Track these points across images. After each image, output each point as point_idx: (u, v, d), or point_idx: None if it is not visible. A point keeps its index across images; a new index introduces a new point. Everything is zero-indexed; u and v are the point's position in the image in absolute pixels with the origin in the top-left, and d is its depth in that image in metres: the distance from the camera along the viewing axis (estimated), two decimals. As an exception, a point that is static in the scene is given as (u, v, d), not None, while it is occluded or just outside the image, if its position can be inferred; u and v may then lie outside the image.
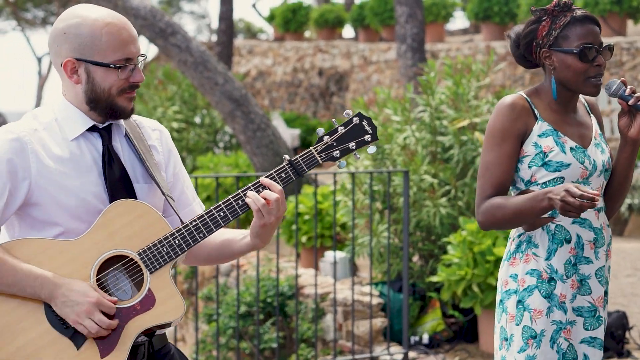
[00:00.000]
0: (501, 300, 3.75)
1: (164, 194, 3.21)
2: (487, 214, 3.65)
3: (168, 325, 3.12)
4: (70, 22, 3.13)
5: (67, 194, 3.09)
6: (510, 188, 3.76)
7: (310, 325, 7.98)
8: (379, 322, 7.75)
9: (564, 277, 3.64)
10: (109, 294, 3.09)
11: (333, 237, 7.95)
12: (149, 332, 3.15)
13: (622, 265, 10.91)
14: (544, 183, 3.65)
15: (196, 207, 3.41)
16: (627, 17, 17.13)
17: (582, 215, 3.63)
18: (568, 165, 3.63)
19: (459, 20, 45.44)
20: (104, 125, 3.20)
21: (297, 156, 3.19)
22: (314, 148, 3.20)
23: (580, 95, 3.80)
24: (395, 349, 7.55)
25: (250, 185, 3.16)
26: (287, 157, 3.20)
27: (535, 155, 3.66)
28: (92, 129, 3.18)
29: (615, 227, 13.08)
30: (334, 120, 3.23)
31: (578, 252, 3.66)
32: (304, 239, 9.81)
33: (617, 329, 7.67)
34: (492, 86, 14.26)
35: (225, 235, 3.32)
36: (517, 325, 3.66)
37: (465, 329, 7.96)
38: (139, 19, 10.96)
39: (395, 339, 7.79)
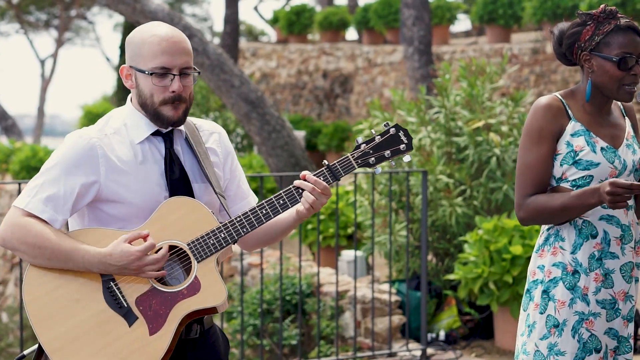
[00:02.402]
0: (528, 290, 3.91)
1: (216, 192, 3.47)
2: (531, 211, 3.81)
3: (213, 310, 3.38)
4: (134, 33, 3.46)
5: (133, 193, 3.37)
6: (552, 183, 3.92)
7: (329, 323, 8.12)
8: (397, 319, 7.89)
9: (588, 271, 3.78)
10: (164, 282, 3.37)
11: (353, 236, 8.09)
12: (199, 318, 3.43)
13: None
14: (574, 180, 3.79)
15: (251, 200, 3.70)
16: (633, 20, 17.24)
17: (610, 213, 3.78)
18: (598, 164, 3.78)
19: (462, 23, 45.50)
20: (167, 130, 3.46)
21: (335, 161, 3.43)
22: (351, 155, 3.44)
23: None
24: (414, 345, 7.68)
25: (292, 185, 3.43)
26: (326, 162, 3.45)
27: (567, 153, 3.81)
28: (155, 134, 3.45)
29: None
30: (372, 130, 3.49)
31: (604, 247, 3.80)
32: (319, 238, 9.93)
33: (630, 325, 7.81)
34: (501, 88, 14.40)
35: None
36: (541, 313, 3.82)
37: (481, 326, 8.10)
38: (157, 22, 11.10)
39: (413, 335, 7.93)
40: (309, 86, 23.56)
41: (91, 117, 25.74)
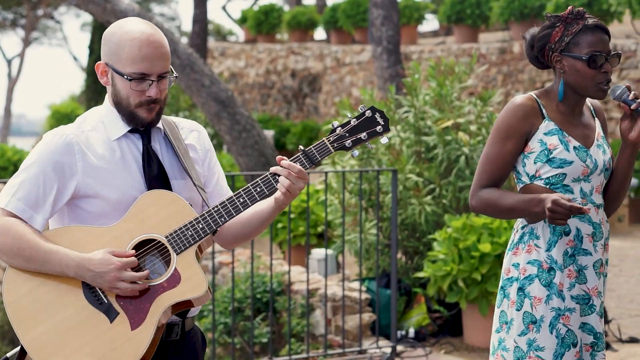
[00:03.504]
0: (502, 287, 3.98)
1: (195, 185, 3.47)
2: (482, 202, 3.91)
3: (193, 304, 3.37)
4: (111, 29, 3.44)
5: (111, 189, 3.37)
6: (516, 182, 3.99)
7: (300, 321, 8.17)
8: (367, 317, 7.95)
9: (562, 267, 3.85)
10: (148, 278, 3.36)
11: (324, 235, 8.14)
12: (181, 312, 3.44)
13: (597, 262, 11.17)
14: (547, 178, 3.86)
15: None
16: (599, 19, 17.39)
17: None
18: (571, 162, 3.85)
19: (430, 23, 45.65)
20: (144, 127, 3.46)
21: (310, 146, 3.40)
22: (327, 138, 3.40)
23: (587, 99, 4.01)
24: (384, 342, 7.74)
25: (268, 172, 3.41)
26: (301, 146, 3.42)
27: (541, 151, 3.88)
28: (133, 131, 3.45)
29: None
30: (348, 114, 3.42)
31: (577, 244, 3.87)
32: (289, 237, 9.97)
33: (597, 322, 7.92)
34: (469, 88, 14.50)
35: (249, 210, 3.53)
36: (518, 310, 3.89)
37: (450, 323, 8.18)
38: (127, 22, 11.10)
39: (383, 333, 7.99)
40: (277, 86, 23.59)
41: (58, 116, 25.66)
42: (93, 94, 21.08)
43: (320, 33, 27.08)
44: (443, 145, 8.48)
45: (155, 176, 3.42)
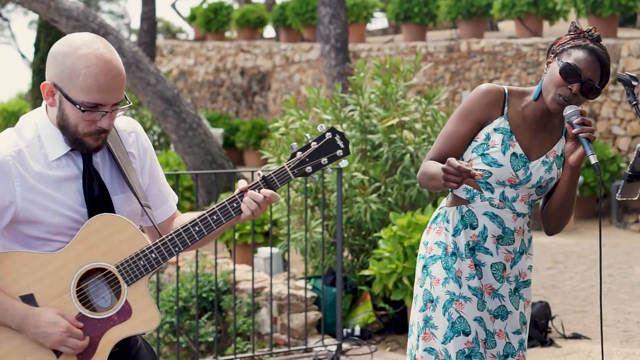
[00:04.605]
0: (417, 263, 4.11)
1: (142, 205, 3.31)
2: (420, 172, 3.99)
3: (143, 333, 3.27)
4: (62, 49, 3.16)
5: (50, 212, 3.18)
6: None
7: (245, 319, 8.16)
8: (313, 315, 7.95)
9: (464, 257, 3.95)
10: (90, 303, 3.22)
11: (269, 233, 8.13)
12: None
13: (542, 259, 11.27)
14: (476, 170, 3.88)
15: (172, 203, 3.55)
16: (543, 19, 17.56)
17: (497, 212, 3.93)
18: (500, 165, 3.90)
19: (379, 21, 45.74)
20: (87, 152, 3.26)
21: (270, 172, 3.30)
22: (287, 165, 3.30)
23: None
24: (329, 340, 7.74)
25: (227, 199, 3.30)
26: (260, 172, 3.32)
27: (481, 144, 3.94)
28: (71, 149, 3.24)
29: (534, 222, 13.45)
30: (307, 135, 3.34)
31: (479, 241, 3.96)
32: (236, 235, 9.97)
33: (541, 318, 7.99)
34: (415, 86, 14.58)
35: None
36: (421, 287, 4.02)
37: (396, 321, 8.20)
38: (71, 20, 11.01)
39: (329, 331, 8.00)
40: (226, 84, 23.53)
41: (6, 115, 25.42)
42: (39, 92, 20.89)
43: (269, 31, 27.07)
44: (388, 143, 8.51)
45: (96, 196, 3.24)
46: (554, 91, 3.84)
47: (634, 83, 3.74)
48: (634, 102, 3.70)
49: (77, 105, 3.11)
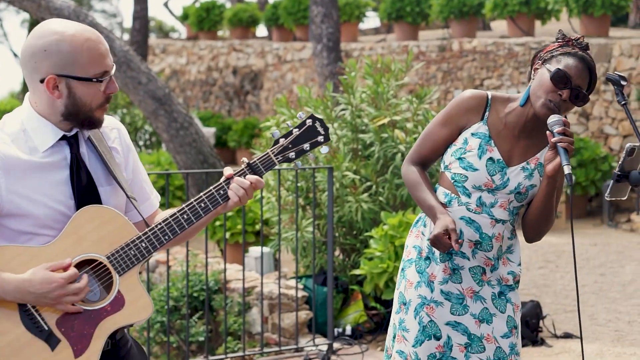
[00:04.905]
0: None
1: (128, 196, 3.32)
2: (405, 178, 4.09)
3: (133, 324, 3.27)
4: (50, 39, 3.16)
5: (36, 205, 3.17)
6: (442, 167, 4.09)
7: (236, 319, 8.15)
8: (304, 314, 7.95)
9: (439, 261, 3.97)
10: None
11: (260, 233, 8.12)
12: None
13: (534, 258, 11.28)
14: (454, 174, 3.97)
15: (154, 200, 3.56)
16: (535, 18, 17.58)
17: (474, 217, 3.95)
18: (476, 170, 3.93)
19: (371, 20, 45.72)
20: (72, 134, 3.27)
21: (255, 159, 3.33)
22: (271, 151, 3.33)
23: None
24: (320, 340, 7.74)
25: (213, 186, 3.32)
26: (245, 159, 3.34)
27: (459, 148, 3.97)
28: (60, 138, 3.24)
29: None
30: (288, 122, 3.40)
31: None
32: (227, 235, 9.97)
33: (532, 318, 7.99)
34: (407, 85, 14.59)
35: None
36: (397, 289, 4.08)
37: (387, 320, 8.20)
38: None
39: (320, 331, 7.99)
40: (219, 83, 23.52)
41: (-2, 113, 25.40)
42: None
43: (261, 30, 27.10)
44: (379, 142, 8.50)
45: (84, 186, 3.24)
46: (544, 97, 3.84)
47: (623, 83, 3.74)
48: (623, 102, 3.70)
49: (93, 80, 3.16)
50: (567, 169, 3.67)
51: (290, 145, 3.35)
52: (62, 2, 11.26)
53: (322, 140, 3.39)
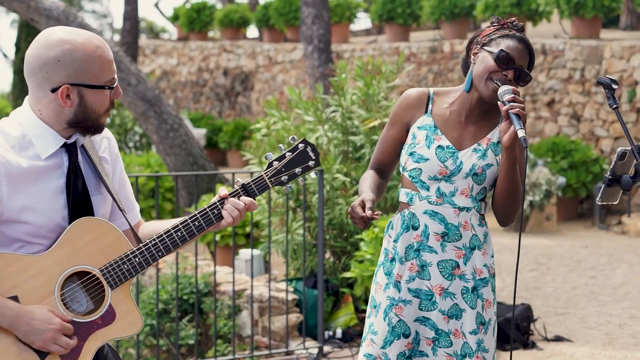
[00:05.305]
0: None
1: (120, 208, 3.35)
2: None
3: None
4: (63, 49, 3.16)
5: (33, 212, 3.17)
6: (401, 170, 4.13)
7: (226, 322, 8.12)
8: (294, 317, 7.92)
9: (403, 260, 3.99)
10: (66, 306, 3.22)
11: (250, 235, 8.09)
12: None
13: (524, 261, 11.26)
14: (410, 171, 4.01)
15: (138, 211, 3.60)
16: (526, 19, 17.58)
17: (436, 209, 3.97)
18: (427, 160, 3.96)
19: (362, 21, 45.73)
20: (72, 141, 3.27)
21: (250, 180, 3.39)
22: (265, 173, 3.41)
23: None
24: (310, 343, 7.71)
25: (208, 205, 3.36)
26: (240, 180, 3.41)
27: (410, 144, 4.03)
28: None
29: (516, 224, 13.45)
30: (280, 145, 3.47)
31: (423, 240, 3.99)
32: (217, 237, 9.94)
33: (523, 321, 7.97)
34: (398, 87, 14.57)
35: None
36: (370, 294, 4.11)
37: (377, 323, 8.17)
38: (52, 20, 10.93)
39: (310, 334, 7.96)
40: (209, 84, 23.49)
41: (-12, 114, 25.32)
42: (20, 92, 20.80)
43: (252, 31, 27.03)
44: (370, 145, 8.48)
45: (79, 194, 3.25)
46: (487, 76, 3.90)
47: (614, 86, 3.72)
48: (614, 106, 3.68)
49: (106, 87, 3.22)
50: (520, 133, 3.71)
51: (283, 169, 3.43)
52: (52, 3, 11.21)
53: (313, 165, 3.47)
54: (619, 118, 3.65)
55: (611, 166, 3.66)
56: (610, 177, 3.67)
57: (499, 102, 3.83)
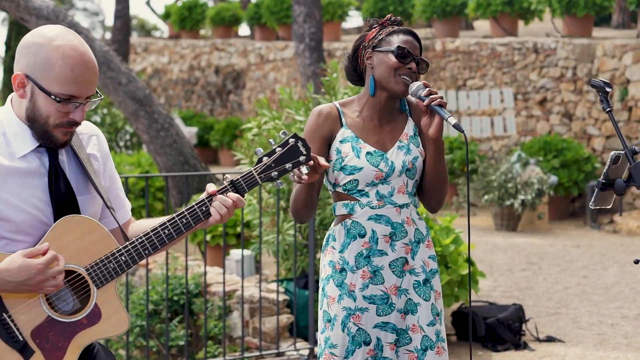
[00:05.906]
0: None
1: (108, 206, 3.30)
2: (290, 203, 4.09)
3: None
4: (35, 40, 3.16)
5: (15, 210, 3.13)
6: (330, 189, 4.12)
7: (217, 323, 8.08)
8: (285, 318, 7.88)
9: (355, 268, 4.00)
10: (51, 304, 3.18)
11: (241, 235, 8.05)
12: None
13: (516, 260, 11.24)
14: (344, 185, 4.00)
15: (128, 209, 3.55)
16: (518, 18, 17.58)
17: (380, 212, 3.98)
18: (361, 169, 3.97)
19: (354, 19, 45.69)
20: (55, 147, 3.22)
21: (239, 177, 3.34)
22: (254, 169, 3.34)
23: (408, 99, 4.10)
24: (301, 344, 7.68)
25: (196, 202, 3.31)
26: (229, 176, 3.36)
27: (337, 160, 4.01)
28: (39, 145, 3.21)
29: (508, 223, 13.44)
30: (271, 140, 3.39)
31: (372, 246, 4.00)
32: (207, 237, 9.89)
33: (514, 321, 7.94)
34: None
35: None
36: (321, 309, 4.09)
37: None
38: (41, 19, 10.88)
39: (301, 335, 7.93)
40: (201, 82, 23.44)
41: (-22, 112, 25.24)
42: (10, 91, 20.74)
43: (244, 29, 27.00)
44: (361, 144, 8.44)
45: (62, 194, 3.21)
46: (394, 73, 3.95)
47: (608, 89, 3.68)
48: (608, 109, 3.65)
49: (52, 96, 3.11)
50: (452, 120, 3.77)
51: (273, 165, 3.36)
52: (41, 2, 11.15)
53: (304, 160, 3.38)
54: (612, 121, 3.62)
55: (605, 170, 3.64)
56: (604, 181, 3.64)
57: (415, 100, 3.94)
